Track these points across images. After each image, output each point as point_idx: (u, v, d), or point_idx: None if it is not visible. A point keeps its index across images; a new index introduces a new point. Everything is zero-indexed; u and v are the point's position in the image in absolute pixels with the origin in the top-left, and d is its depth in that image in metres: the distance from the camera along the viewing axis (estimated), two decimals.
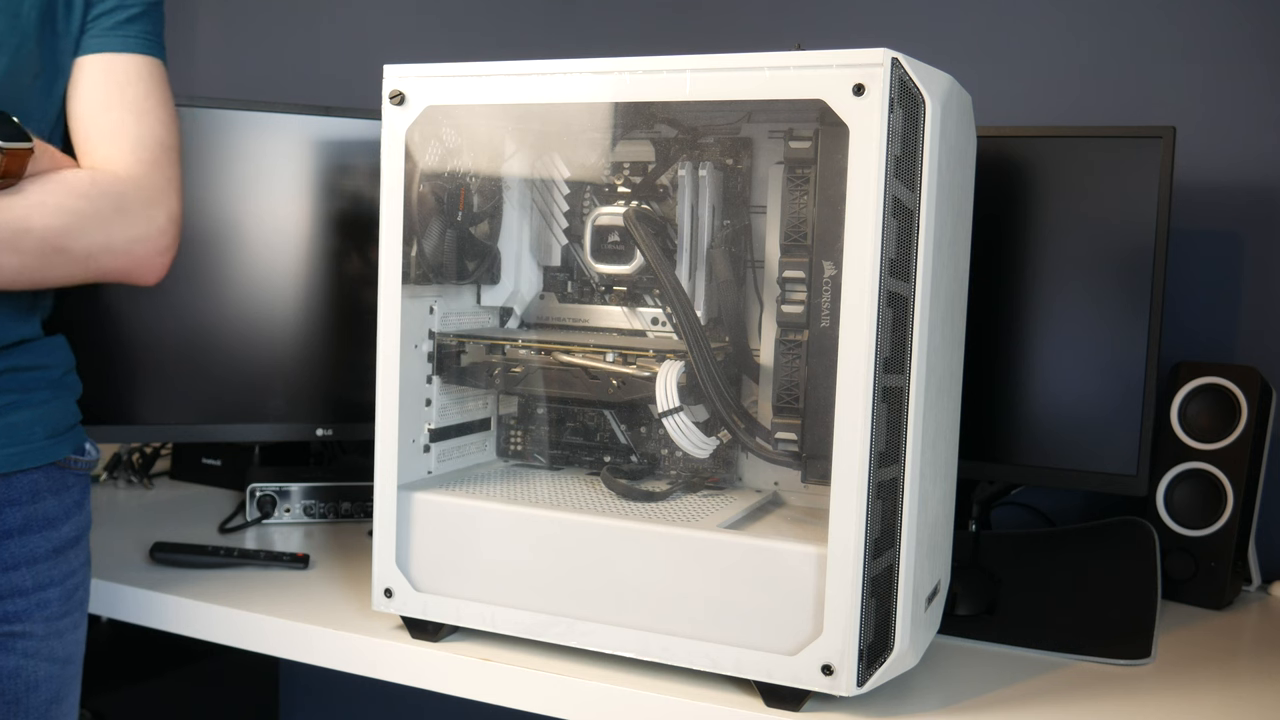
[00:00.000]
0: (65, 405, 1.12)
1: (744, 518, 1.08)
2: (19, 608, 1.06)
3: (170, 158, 1.11)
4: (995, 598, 1.25)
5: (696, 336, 1.09)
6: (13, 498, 1.06)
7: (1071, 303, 1.27)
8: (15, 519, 1.06)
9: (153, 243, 1.07)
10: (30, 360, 1.08)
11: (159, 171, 1.09)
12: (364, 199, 1.54)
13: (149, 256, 1.07)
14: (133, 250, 1.06)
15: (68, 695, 1.12)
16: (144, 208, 1.06)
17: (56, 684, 1.10)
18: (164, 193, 1.09)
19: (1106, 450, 1.25)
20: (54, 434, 1.09)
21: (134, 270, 1.07)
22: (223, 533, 1.48)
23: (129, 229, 1.05)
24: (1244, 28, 1.43)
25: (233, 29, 2.10)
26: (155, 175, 1.08)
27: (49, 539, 1.09)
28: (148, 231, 1.06)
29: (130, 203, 1.05)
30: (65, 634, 1.11)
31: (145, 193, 1.07)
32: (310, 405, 1.56)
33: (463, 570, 1.09)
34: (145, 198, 1.07)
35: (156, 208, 1.07)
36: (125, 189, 1.05)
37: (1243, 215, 1.44)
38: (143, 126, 1.09)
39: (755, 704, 0.98)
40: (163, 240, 1.08)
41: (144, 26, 1.12)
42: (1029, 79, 1.52)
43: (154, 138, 1.09)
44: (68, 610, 1.11)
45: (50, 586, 1.09)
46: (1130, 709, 1.02)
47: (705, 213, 1.17)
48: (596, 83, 1.01)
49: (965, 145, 1.07)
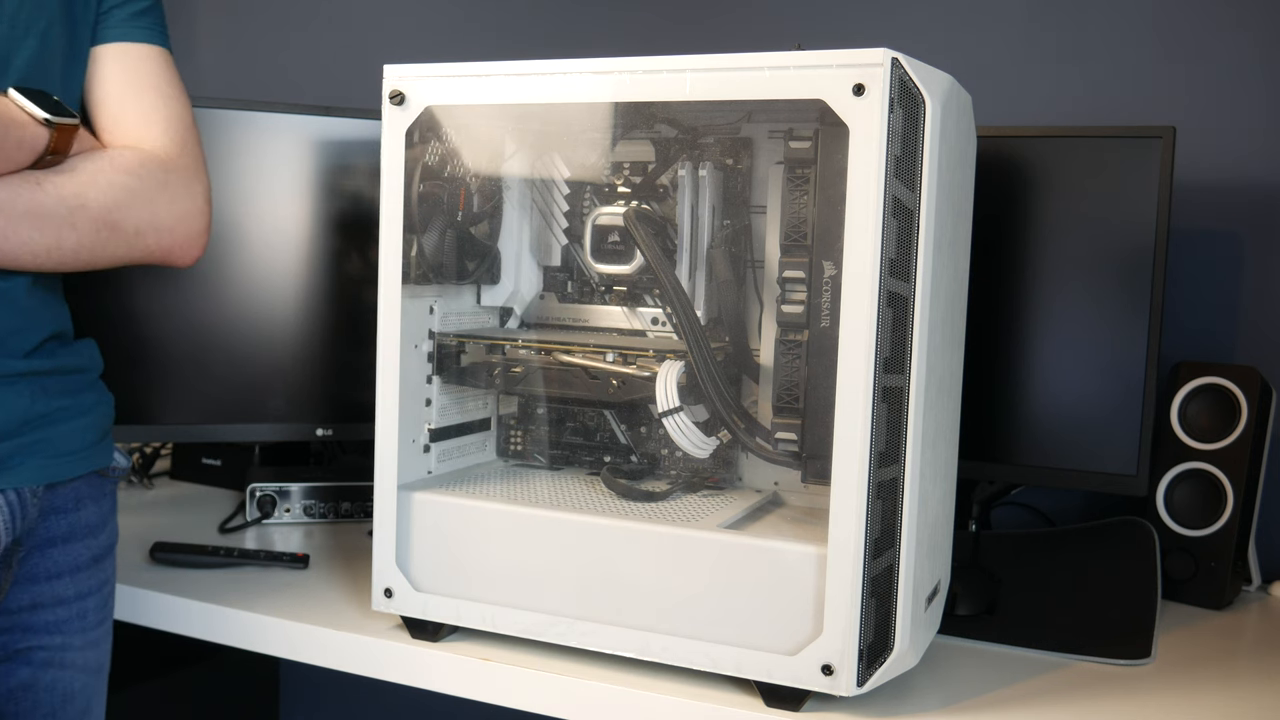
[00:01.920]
0: (105, 410, 1.12)
1: (744, 518, 1.08)
2: (59, 617, 1.06)
3: (197, 140, 1.12)
4: (995, 598, 1.25)
5: (696, 336, 1.09)
6: (58, 506, 1.05)
7: (1071, 303, 1.27)
8: (61, 527, 1.06)
9: (195, 221, 1.08)
10: (73, 361, 1.07)
11: (190, 152, 1.10)
12: (364, 199, 1.54)
13: (191, 236, 1.08)
14: (176, 228, 1.06)
15: (97, 705, 1.12)
16: (185, 185, 1.07)
17: (88, 694, 1.10)
18: (199, 171, 1.10)
19: (1106, 450, 1.25)
20: (98, 440, 1.09)
21: (176, 249, 1.07)
22: (223, 533, 1.48)
23: (174, 205, 1.05)
24: (1244, 28, 1.43)
25: (233, 29, 2.10)
26: (188, 155, 1.09)
27: (90, 547, 1.09)
28: (190, 208, 1.07)
29: (173, 180, 1.06)
30: (99, 644, 1.11)
31: (185, 171, 1.08)
32: (310, 405, 1.56)
33: (463, 570, 1.09)
34: (185, 176, 1.08)
35: (196, 185, 1.08)
36: (167, 167, 1.06)
37: (1243, 215, 1.44)
38: (171, 109, 1.10)
39: (755, 704, 0.98)
40: (203, 219, 1.09)
41: (155, 19, 1.13)
42: (1029, 79, 1.52)
43: (182, 120, 1.10)
44: (102, 619, 1.11)
45: (90, 595, 1.09)
46: (1130, 709, 1.02)
47: (705, 213, 1.17)
48: (596, 83, 1.01)
49: (965, 145, 1.07)
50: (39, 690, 1.05)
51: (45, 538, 1.05)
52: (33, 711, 1.05)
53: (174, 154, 1.08)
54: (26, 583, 1.04)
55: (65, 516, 1.06)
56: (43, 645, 1.05)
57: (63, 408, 1.04)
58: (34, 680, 1.05)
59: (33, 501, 1.02)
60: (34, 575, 1.04)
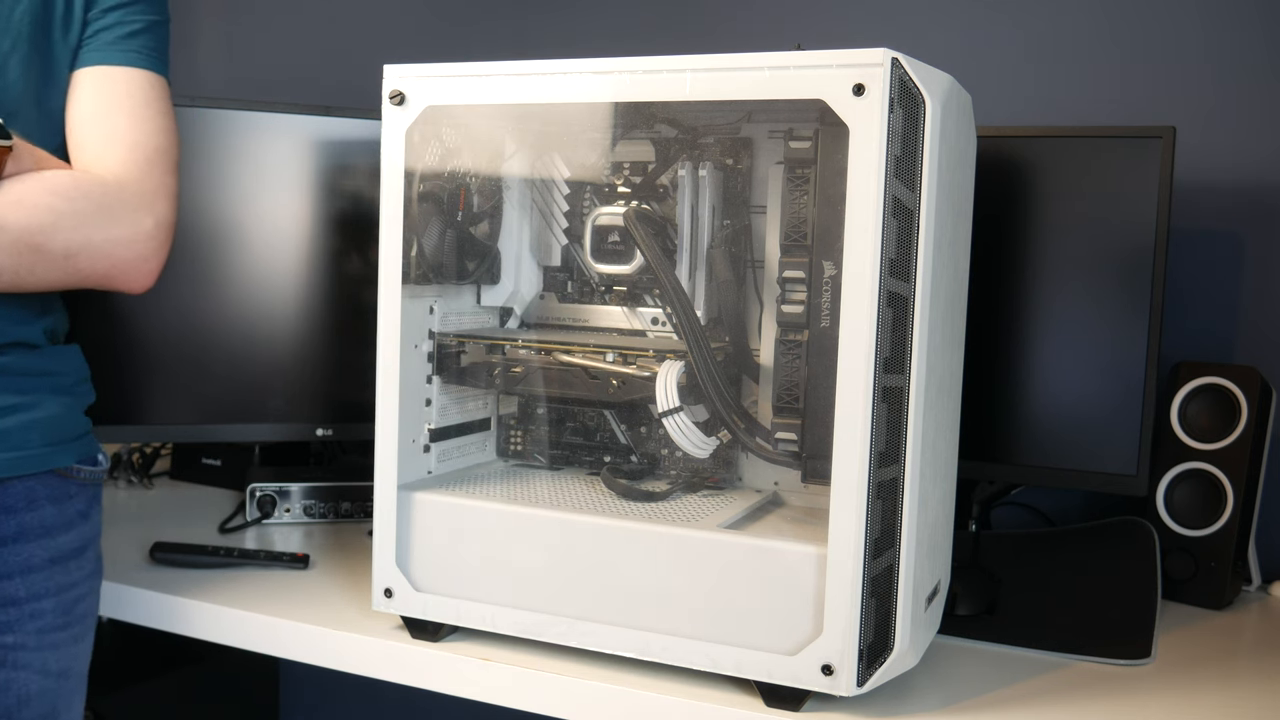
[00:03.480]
0: (71, 414, 1.10)
1: (744, 518, 1.08)
2: (10, 618, 1.04)
3: (165, 164, 1.09)
4: (995, 598, 1.25)
5: (696, 336, 1.09)
6: (7, 505, 1.04)
7: (1071, 303, 1.27)
8: (9, 527, 1.04)
9: (137, 246, 1.04)
10: (32, 365, 1.06)
11: (150, 177, 1.06)
12: (364, 199, 1.54)
13: (132, 261, 1.05)
14: (114, 252, 1.03)
15: (66, 709, 1.10)
16: (129, 211, 1.04)
17: (51, 698, 1.07)
18: (154, 197, 1.06)
19: (1106, 450, 1.25)
20: (55, 442, 1.07)
21: (116, 274, 1.04)
22: (223, 533, 1.48)
23: (110, 230, 1.02)
24: (1245, 28, 1.43)
25: (233, 29, 2.09)
26: (146, 180, 1.06)
27: (45, 548, 1.07)
28: (132, 234, 1.04)
29: (114, 204, 1.03)
30: (62, 646, 1.08)
31: (132, 196, 1.05)
32: (310, 405, 1.56)
33: (463, 570, 1.09)
34: (131, 201, 1.04)
35: (142, 212, 1.05)
36: (109, 190, 1.03)
37: (1243, 215, 1.44)
38: (138, 132, 1.07)
39: (755, 704, 0.98)
40: (148, 245, 1.05)
41: (145, 42, 1.11)
42: (1029, 79, 1.52)
43: (149, 143, 1.07)
44: (66, 623, 1.09)
45: (45, 597, 1.06)
46: (1130, 709, 1.02)
47: (705, 213, 1.17)
48: (596, 83, 1.01)
49: (965, 145, 1.07)
50: None
51: None
52: None
53: (129, 178, 1.05)
54: None
55: (15, 516, 1.04)
56: None
57: (6, 407, 1.03)
58: None
59: None
60: None
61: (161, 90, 1.11)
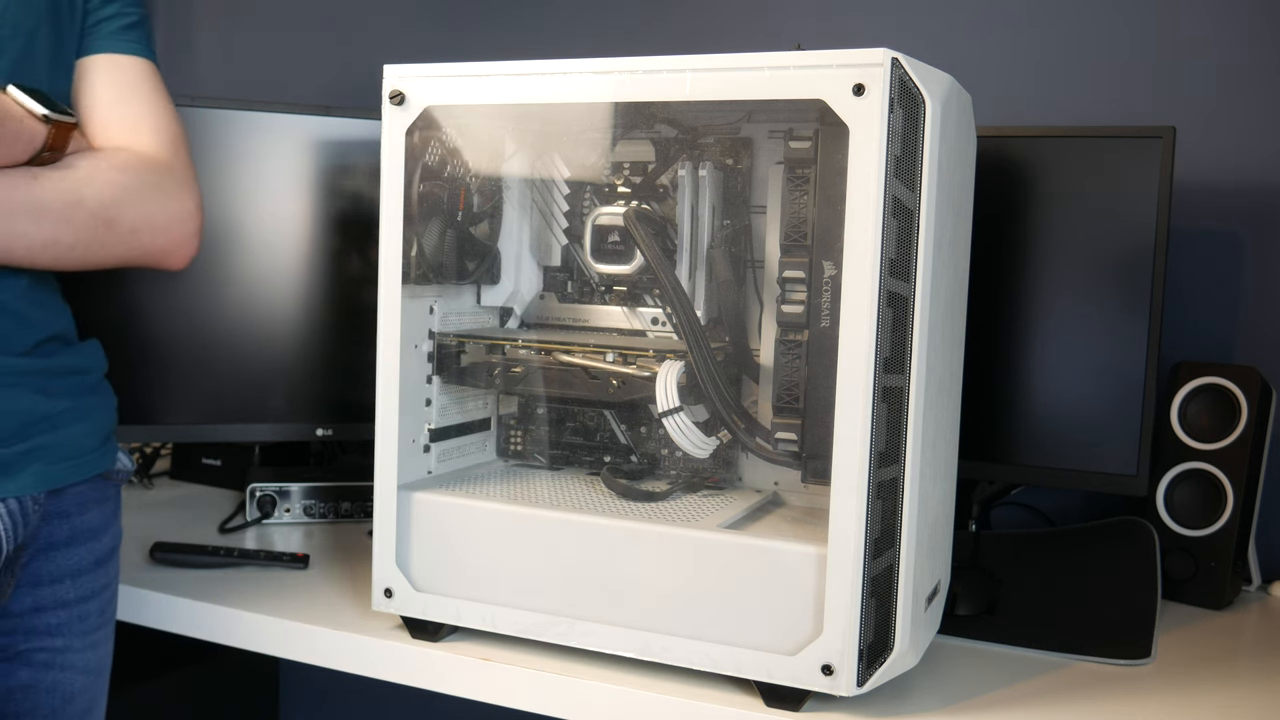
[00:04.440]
0: (108, 412, 1.12)
1: (744, 518, 1.08)
2: (61, 620, 1.06)
3: (187, 148, 1.13)
4: (995, 598, 1.25)
5: (696, 336, 1.09)
6: (61, 510, 1.05)
7: (1071, 303, 1.27)
8: (64, 531, 1.05)
9: (188, 222, 1.08)
10: (75, 361, 1.07)
11: (179, 158, 1.10)
12: (364, 199, 1.54)
13: (185, 237, 1.08)
14: (172, 228, 1.06)
15: (98, 706, 1.12)
16: (178, 189, 1.08)
17: (90, 695, 1.10)
18: (189, 178, 1.10)
19: (1106, 450, 1.25)
20: (102, 443, 1.09)
21: (171, 250, 1.07)
22: (223, 533, 1.48)
23: (169, 205, 1.06)
24: (1245, 28, 1.43)
25: (233, 29, 2.09)
26: (177, 161, 1.10)
27: (92, 551, 1.08)
28: (183, 210, 1.07)
29: (167, 182, 1.06)
30: (100, 645, 1.11)
31: (178, 175, 1.08)
32: (310, 405, 1.56)
33: (463, 570, 1.09)
34: (179, 179, 1.08)
35: (186, 191, 1.09)
36: (161, 170, 1.07)
37: (1243, 215, 1.44)
38: (159, 118, 1.10)
39: (755, 704, 0.99)
40: (195, 221, 1.09)
41: (143, 33, 1.13)
42: (1029, 79, 1.52)
43: (171, 128, 1.11)
44: (103, 622, 1.11)
45: (91, 599, 1.08)
46: (1130, 709, 1.02)
47: (705, 213, 1.17)
48: (596, 83, 1.01)
49: (965, 145, 1.07)
50: (39, 691, 1.05)
51: (48, 541, 1.04)
52: (33, 712, 1.05)
53: (166, 157, 1.08)
54: (29, 586, 1.04)
55: (68, 520, 1.06)
56: (44, 647, 1.05)
57: (65, 410, 1.04)
58: (34, 681, 1.05)
59: (34, 508, 1.02)
60: (37, 579, 1.04)
61: (161, 79, 1.15)
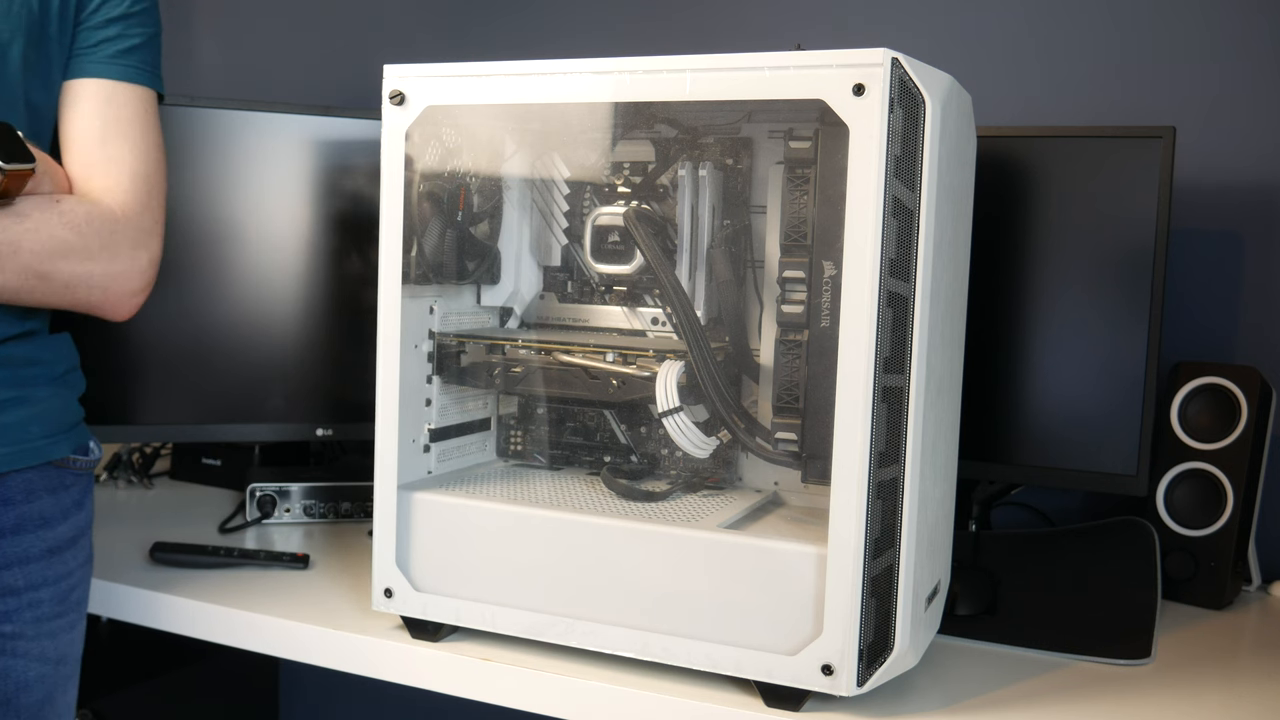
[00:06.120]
0: (65, 403, 1.12)
1: (744, 518, 1.08)
2: (9, 607, 1.06)
3: (160, 197, 1.13)
4: (995, 598, 1.25)
5: (696, 336, 1.09)
6: (6, 497, 1.06)
7: (1071, 303, 1.27)
8: (8, 519, 1.06)
9: (130, 282, 1.09)
10: (28, 354, 1.08)
11: (149, 212, 1.11)
12: (364, 199, 1.54)
13: (123, 296, 1.09)
14: (110, 286, 1.08)
15: (60, 695, 1.12)
16: (130, 247, 1.09)
17: (49, 684, 1.09)
18: (151, 235, 1.11)
19: (1106, 450, 1.25)
20: (52, 433, 1.09)
21: (106, 305, 1.09)
22: (223, 533, 1.48)
23: (114, 264, 1.07)
24: (1245, 28, 1.43)
25: (233, 29, 2.10)
26: (145, 215, 1.10)
27: (43, 539, 1.08)
28: (128, 270, 1.09)
29: (119, 241, 1.07)
30: (59, 634, 1.10)
31: (133, 231, 1.09)
32: (310, 405, 1.56)
33: (463, 570, 1.09)
34: (132, 237, 1.09)
35: (141, 249, 1.10)
36: (116, 226, 1.07)
37: (1243, 215, 1.44)
38: (139, 162, 1.11)
39: (755, 704, 0.98)
40: (140, 280, 1.10)
41: (145, 57, 1.13)
42: (1029, 79, 1.52)
43: (151, 174, 1.12)
44: (62, 611, 1.11)
45: (43, 587, 1.08)
46: (1130, 709, 1.02)
47: (705, 213, 1.17)
48: (596, 83, 1.01)
49: (965, 145, 1.07)
50: None
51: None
52: None
53: (132, 211, 1.09)
54: None
55: (14, 508, 1.06)
56: None
57: (7, 400, 1.05)
58: None
59: None
60: None
61: (155, 109, 1.15)
